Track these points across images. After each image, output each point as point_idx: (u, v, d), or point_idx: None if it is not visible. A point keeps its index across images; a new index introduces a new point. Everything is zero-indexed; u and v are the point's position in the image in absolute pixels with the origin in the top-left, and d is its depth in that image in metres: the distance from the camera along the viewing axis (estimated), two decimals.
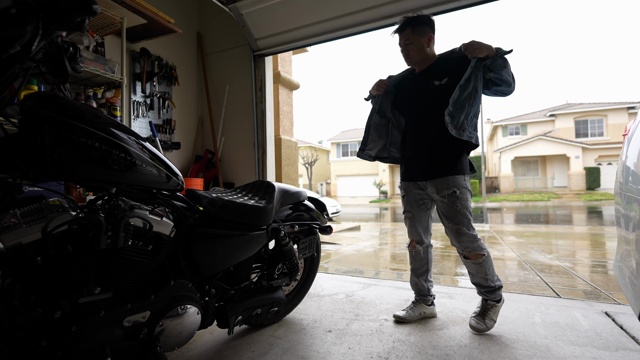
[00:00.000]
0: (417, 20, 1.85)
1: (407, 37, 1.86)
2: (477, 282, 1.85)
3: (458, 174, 1.79)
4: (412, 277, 2.05)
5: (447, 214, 1.81)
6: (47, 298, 0.96)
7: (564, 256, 4.47)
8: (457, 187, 1.78)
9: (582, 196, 20.29)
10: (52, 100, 0.97)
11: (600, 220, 10.00)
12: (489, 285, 1.82)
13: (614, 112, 23.52)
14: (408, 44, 1.86)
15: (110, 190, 1.11)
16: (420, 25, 1.84)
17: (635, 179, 1.25)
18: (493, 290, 1.83)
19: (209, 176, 3.48)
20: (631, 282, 1.22)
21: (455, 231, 1.79)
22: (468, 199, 1.80)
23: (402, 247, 5.45)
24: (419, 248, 1.99)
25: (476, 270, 1.81)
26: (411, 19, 1.85)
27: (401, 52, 1.93)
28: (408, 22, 1.85)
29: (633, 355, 1.53)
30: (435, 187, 1.83)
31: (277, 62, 4.13)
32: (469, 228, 1.78)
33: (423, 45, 1.86)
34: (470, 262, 1.81)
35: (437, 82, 1.83)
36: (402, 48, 1.91)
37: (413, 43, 1.85)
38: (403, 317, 1.93)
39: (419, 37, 1.84)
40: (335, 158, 31.92)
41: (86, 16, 0.86)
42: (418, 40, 1.85)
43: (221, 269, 1.45)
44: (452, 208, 1.78)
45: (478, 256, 1.78)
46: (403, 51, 1.91)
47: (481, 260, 1.78)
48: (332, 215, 9.18)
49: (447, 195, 1.78)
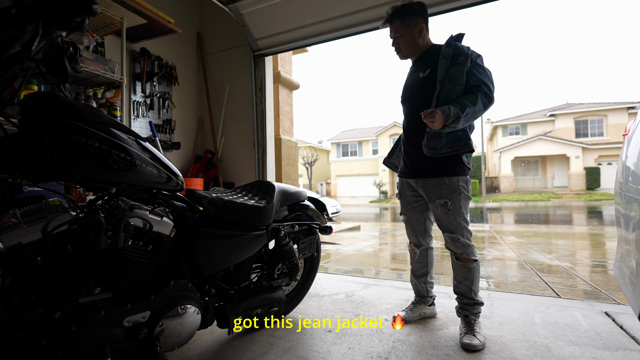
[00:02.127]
0: (406, 10, 1.72)
1: (396, 30, 1.75)
2: (461, 291, 1.76)
3: (450, 175, 1.69)
4: (412, 278, 2.03)
5: (441, 222, 1.76)
6: (47, 298, 0.96)
7: (564, 256, 4.47)
8: (450, 196, 1.69)
9: (582, 196, 20.29)
10: (52, 100, 0.97)
11: (600, 220, 9.99)
12: (472, 297, 1.74)
13: (614, 112, 23.52)
14: (398, 37, 1.76)
15: (110, 190, 1.11)
16: (409, 15, 1.72)
17: (635, 179, 1.25)
18: (475, 304, 1.74)
19: (209, 176, 3.48)
20: (631, 282, 1.22)
21: (450, 237, 1.75)
22: (463, 206, 1.70)
23: (402, 247, 5.45)
24: (416, 250, 1.97)
25: (464, 277, 1.73)
26: (400, 8, 1.72)
27: (392, 44, 1.82)
28: (397, 12, 1.73)
29: (633, 355, 1.53)
30: (425, 191, 1.76)
31: (277, 62, 4.13)
32: (464, 236, 1.72)
33: (414, 37, 1.75)
34: (460, 265, 1.74)
35: (422, 74, 1.74)
36: (392, 41, 1.81)
37: (403, 36, 1.75)
38: (403, 318, 1.92)
39: (408, 30, 1.73)
40: (335, 158, 31.92)
41: (86, 16, 0.86)
42: (408, 33, 1.74)
43: (221, 269, 1.45)
44: (446, 218, 1.72)
45: (469, 260, 1.72)
46: (393, 44, 1.81)
47: (471, 265, 1.72)
48: (332, 215, 9.18)
49: (439, 205, 1.71)
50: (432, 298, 2.00)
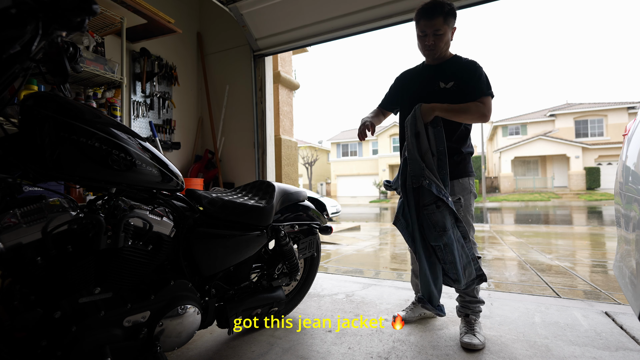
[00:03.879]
0: (450, 11, 1.60)
1: (437, 27, 1.60)
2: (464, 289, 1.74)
3: (463, 177, 1.73)
4: (413, 278, 2.03)
5: None
6: (47, 298, 0.96)
7: (564, 256, 4.47)
8: (463, 193, 1.72)
9: (582, 196, 20.29)
10: (52, 100, 0.97)
11: (600, 220, 9.99)
12: (473, 295, 1.74)
13: (614, 112, 23.52)
14: (439, 35, 1.62)
15: (110, 190, 1.11)
16: (451, 15, 1.62)
17: (635, 179, 1.25)
18: (476, 302, 1.75)
19: (209, 176, 3.48)
20: (631, 282, 1.22)
21: None
22: (472, 204, 1.75)
23: (402, 247, 5.44)
24: None
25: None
26: (443, 5, 1.59)
27: (423, 42, 1.66)
28: (441, 8, 1.59)
29: (633, 355, 1.53)
30: None
31: (277, 62, 4.13)
32: (470, 233, 1.71)
33: (449, 38, 1.66)
34: None
35: (443, 84, 1.69)
36: (427, 37, 1.64)
37: (444, 34, 1.62)
38: (403, 318, 1.91)
39: (448, 29, 1.63)
40: (335, 158, 31.92)
41: (86, 16, 0.86)
42: (447, 32, 1.63)
43: (221, 269, 1.45)
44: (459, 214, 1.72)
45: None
46: (428, 41, 1.64)
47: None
48: (332, 215, 9.18)
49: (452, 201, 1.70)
50: None
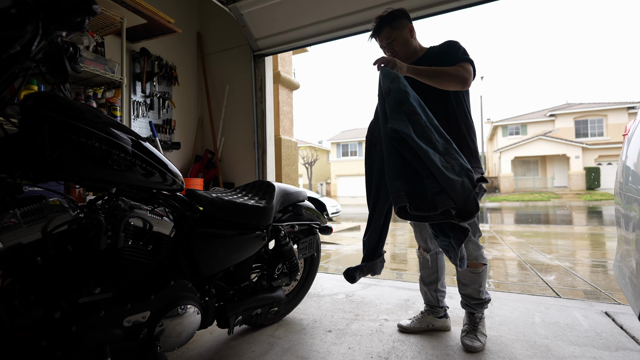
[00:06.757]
0: (392, 16, 1.72)
1: (387, 36, 1.72)
2: (468, 293, 1.71)
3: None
4: (421, 285, 1.91)
5: None
6: (47, 298, 0.95)
7: (564, 256, 4.47)
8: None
9: (582, 196, 20.28)
10: (52, 100, 0.97)
11: (600, 220, 9.99)
12: (480, 297, 1.70)
13: (614, 112, 23.51)
14: (391, 42, 1.72)
15: (110, 190, 1.11)
16: (396, 19, 1.71)
17: (635, 179, 1.25)
18: (482, 303, 1.71)
19: (209, 176, 3.48)
20: (631, 282, 1.22)
21: None
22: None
23: (402, 247, 5.45)
24: (426, 255, 1.85)
25: (471, 280, 1.68)
26: (385, 16, 1.72)
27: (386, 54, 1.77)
28: (383, 20, 1.72)
29: (633, 355, 1.53)
30: None
31: (277, 62, 4.13)
32: (475, 234, 1.66)
33: (407, 38, 1.73)
34: (467, 271, 1.68)
35: None
36: (386, 50, 1.76)
37: (396, 39, 1.72)
38: (406, 328, 1.82)
39: (399, 32, 1.71)
40: (335, 158, 31.91)
41: (86, 16, 0.86)
42: (400, 35, 1.72)
43: (221, 269, 1.45)
44: None
45: (478, 265, 1.67)
46: (388, 51, 1.76)
47: (480, 270, 1.67)
48: (332, 215, 9.18)
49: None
50: (444, 309, 1.86)
